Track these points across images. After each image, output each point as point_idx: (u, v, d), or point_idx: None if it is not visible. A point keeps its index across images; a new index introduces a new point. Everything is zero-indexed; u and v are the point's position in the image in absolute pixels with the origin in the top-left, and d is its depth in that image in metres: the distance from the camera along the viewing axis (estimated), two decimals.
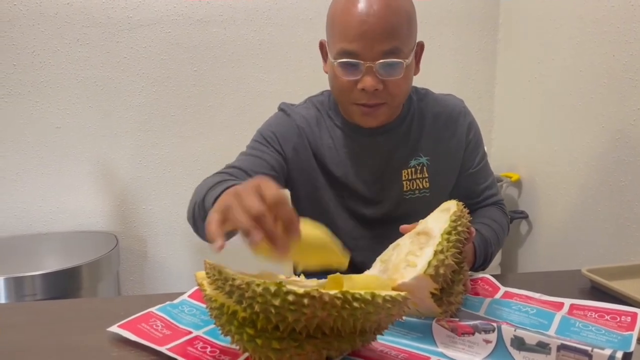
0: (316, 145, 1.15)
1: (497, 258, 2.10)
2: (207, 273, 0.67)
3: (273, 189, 0.62)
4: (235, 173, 1.04)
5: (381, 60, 0.99)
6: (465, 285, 0.87)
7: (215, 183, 0.95)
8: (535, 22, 2.06)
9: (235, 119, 2.17)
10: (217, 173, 1.06)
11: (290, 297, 0.57)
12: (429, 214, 1.12)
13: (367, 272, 0.86)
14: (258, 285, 0.58)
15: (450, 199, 1.13)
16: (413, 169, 1.15)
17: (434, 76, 1.16)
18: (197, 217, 0.99)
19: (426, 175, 1.15)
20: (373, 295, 0.61)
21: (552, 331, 0.77)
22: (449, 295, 0.79)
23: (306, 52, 2.16)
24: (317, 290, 0.58)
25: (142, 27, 2.06)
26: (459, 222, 0.80)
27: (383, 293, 0.63)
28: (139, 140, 2.13)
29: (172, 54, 2.09)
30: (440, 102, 1.19)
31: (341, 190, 1.15)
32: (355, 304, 0.60)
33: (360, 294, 0.60)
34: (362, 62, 0.99)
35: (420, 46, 1.11)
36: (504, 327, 0.71)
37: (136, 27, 2.05)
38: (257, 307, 0.58)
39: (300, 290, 0.58)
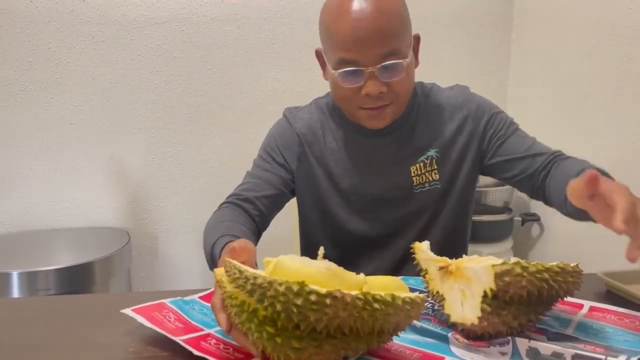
0: (320, 152, 1.15)
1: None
2: (226, 271, 0.67)
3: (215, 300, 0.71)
4: (241, 207, 1.09)
5: (381, 64, 0.98)
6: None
7: (217, 237, 0.97)
8: (549, 24, 2.05)
9: (248, 117, 2.18)
10: (224, 206, 1.11)
11: (313, 297, 0.57)
12: (440, 206, 1.13)
13: None
14: (280, 284, 0.58)
15: (465, 192, 1.14)
16: (422, 164, 1.13)
17: (447, 77, 1.15)
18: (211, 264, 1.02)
19: (435, 167, 1.13)
20: (393, 297, 0.61)
21: (569, 332, 0.77)
22: (502, 310, 0.72)
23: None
24: (339, 290, 0.58)
25: (157, 25, 2.07)
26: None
27: (402, 295, 0.63)
28: (152, 137, 2.14)
29: (185, 52, 2.10)
30: (445, 95, 1.17)
31: (348, 194, 1.15)
32: (376, 305, 0.59)
33: (381, 295, 0.60)
34: (362, 68, 0.98)
35: (417, 39, 1.09)
36: (518, 338, 0.71)
37: (150, 25, 2.06)
38: (278, 306, 0.58)
39: (323, 291, 0.58)
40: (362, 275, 0.66)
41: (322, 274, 0.62)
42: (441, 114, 1.15)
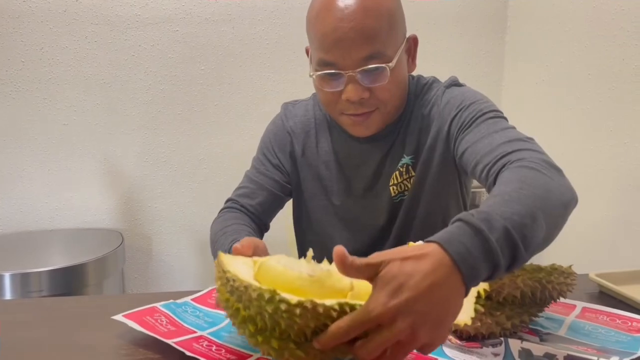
0: (311, 152, 1.12)
1: None
2: (216, 267, 0.67)
3: None
4: (241, 210, 1.10)
5: (362, 68, 0.91)
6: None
7: (229, 242, 0.96)
8: (543, 25, 2.05)
9: (242, 118, 2.17)
10: (225, 210, 1.12)
11: (283, 306, 0.56)
12: (412, 214, 1.06)
13: None
14: (254, 290, 0.58)
15: (442, 197, 1.06)
16: (398, 172, 1.06)
17: (441, 78, 1.14)
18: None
19: (412, 174, 1.05)
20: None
21: (561, 333, 0.77)
22: (496, 310, 0.71)
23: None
24: (310, 301, 0.57)
25: (150, 25, 2.06)
26: None
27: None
28: (145, 138, 2.13)
29: (179, 52, 2.10)
30: (432, 94, 1.05)
31: (333, 200, 1.11)
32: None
33: (360, 305, 0.58)
34: (342, 72, 0.92)
35: (414, 40, 1.01)
36: (511, 339, 0.71)
37: (144, 25, 2.06)
38: (252, 311, 0.59)
39: (294, 300, 0.56)
40: (348, 280, 0.62)
41: (302, 280, 0.60)
42: (423, 120, 1.04)
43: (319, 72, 0.95)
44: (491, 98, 1.07)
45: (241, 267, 0.65)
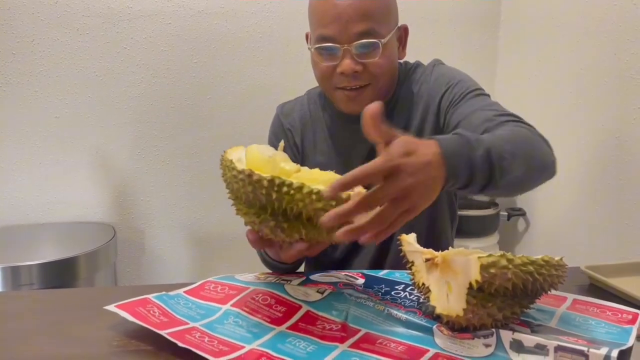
0: (310, 142, 1.18)
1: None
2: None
3: None
4: None
5: (357, 42, 1.00)
6: None
7: None
8: (536, 20, 2.06)
9: (235, 111, 2.17)
10: None
11: (234, 172, 0.72)
12: None
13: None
14: (230, 162, 0.74)
15: None
16: None
17: None
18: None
19: None
20: (302, 186, 0.69)
21: (552, 324, 0.77)
22: (487, 302, 0.71)
23: (307, 45, 2.15)
24: (250, 170, 0.70)
25: (143, 17, 2.05)
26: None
27: (313, 186, 0.69)
28: (138, 131, 2.12)
29: (172, 45, 2.08)
30: (418, 75, 1.14)
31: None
32: (285, 189, 0.69)
33: (291, 182, 0.69)
34: (338, 45, 1.01)
35: (404, 30, 1.11)
36: (502, 330, 0.71)
37: (136, 18, 2.04)
38: (227, 174, 0.75)
39: (240, 168, 0.72)
40: (298, 167, 0.76)
41: (262, 160, 0.75)
42: (412, 97, 1.12)
43: (317, 45, 1.04)
44: None
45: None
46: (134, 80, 2.08)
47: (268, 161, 0.74)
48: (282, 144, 0.83)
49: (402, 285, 0.90)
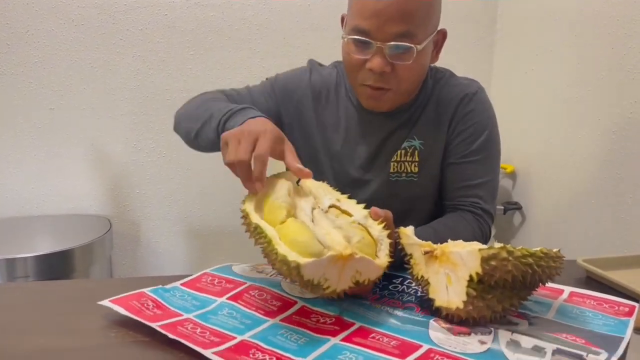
0: (324, 111, 1.16)
1: None
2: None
3: (265, 145, 0.81)
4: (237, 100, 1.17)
5: (392, 43, 0.97)
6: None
7: (234, 107, 1.01)
8: (533, 14, 2.05)
9: None
10: (208, 91, 1.21)
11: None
12: (414, 198, 1.13)
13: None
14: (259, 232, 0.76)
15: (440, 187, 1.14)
16: (404, 151, 1.12)
17: None
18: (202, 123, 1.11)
19: (417, 159, 1.11)
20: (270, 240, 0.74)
21: (550, 316, 0.78)
22: (487, 294, 0.73)
23: (304, 37, 2.15)
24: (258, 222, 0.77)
25: (139, 8, 2.03)
26: None
27: (278, 246, 0.72)
28: (133, 123, 2.11)
29: (168, 36, 2.07)
30: (452, 85, 1.14)
31: (333, 163, 1.16)
32: (262, 240, 0.76)
33: (265, 232, 0.74)
34: (372, 41, 0.98)
35: (442, 34, 1.08)
36: (501, 330, 0.71)
37: (132, 9, 2.03)
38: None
39: (254, 221, 0.77)
40: (285, 217, 0.78)
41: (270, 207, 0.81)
42: (439, 105, 1.12)
43: (351, 36, 1.00)
44: None
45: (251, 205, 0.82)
46: (129, 71, 2.07)
47: (269, 210, 0.80)
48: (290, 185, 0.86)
49: (400, 279, 0.90)
